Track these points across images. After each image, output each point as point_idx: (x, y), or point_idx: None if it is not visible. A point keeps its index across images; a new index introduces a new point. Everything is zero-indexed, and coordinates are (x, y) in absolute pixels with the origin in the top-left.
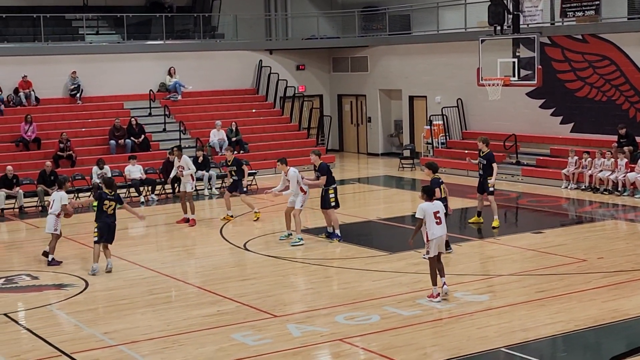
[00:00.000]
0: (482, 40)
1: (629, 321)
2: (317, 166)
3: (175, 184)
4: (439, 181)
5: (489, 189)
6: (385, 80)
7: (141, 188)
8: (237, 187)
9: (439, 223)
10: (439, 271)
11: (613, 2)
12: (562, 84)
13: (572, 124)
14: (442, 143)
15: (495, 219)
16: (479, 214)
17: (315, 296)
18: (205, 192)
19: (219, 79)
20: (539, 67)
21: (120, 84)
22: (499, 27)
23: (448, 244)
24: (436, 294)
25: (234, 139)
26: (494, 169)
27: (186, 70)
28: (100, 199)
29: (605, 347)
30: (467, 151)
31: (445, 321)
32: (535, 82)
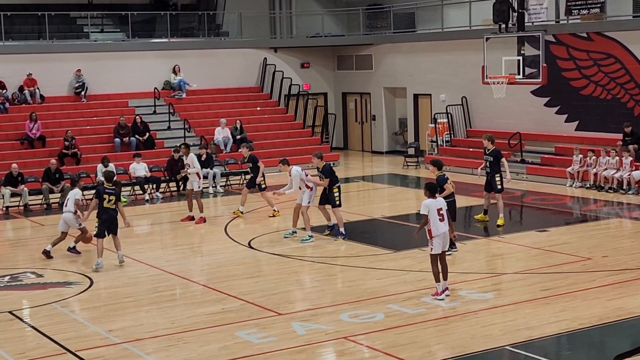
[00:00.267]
0: (487, 39)
1: (633, 320)
2: (320, 168)
3: (180, 182)
4: (445, 178)
5: (497, 187)
6: (389, 78)
7: (146, 186)
8: (254, 184)
9: (442, 220)
10: (442, 271)
11: (618, 0)
12: (567, 82)
13: (577, 122)
14: (447, 141)
15: (501, 217)
16: (485, 211)
17: (319, 294)
18: (210, 190)
19: (223, 76)
20: (544, 65)
21: (124, 82)
22: (503, 25)
23: (453, 244)
24: (440, 290)
25: (238, 136)
26: (503, 165)
27: (191, 68)
28: (99, 195)
29: (610, 346)
30: (471, 149)
31: (449, 319)
32: (540, 80)
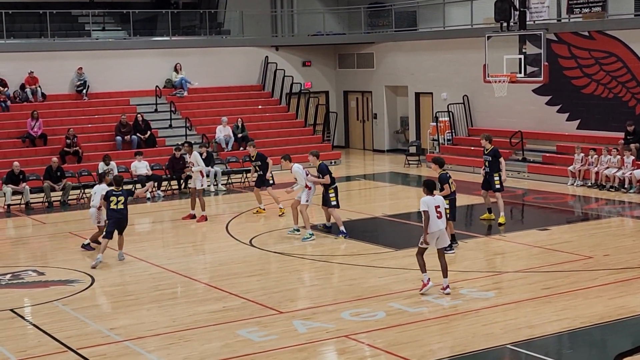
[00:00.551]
0: (489, 37)
1: (635, 318)
2: (316, 167)
3: (183, 180)
4: (447, 176)
5: (496, 186)
6: (391, 77)
7: (147, 184)
8: (263, 182)
9: (440, 217)
10: (442, 270)
11: None
12: (568, 80)
13: (578, 121)
14: (448, 140)
15: (502, 215)
16: (489, 210)
17: (320, 292)
18: (212, 188)
19: (225, 75)
20: (546, 63)
21: (126, 80)
22: (505, 24)
23: (454, 239)
24: (426, 280)
25: (239, 135)
26: (501, 164)
27: (192, 67)
28: (107, 197)
29: (611, 345)
30: (473, 148)
31: (450, 318)
32: (541, 78)
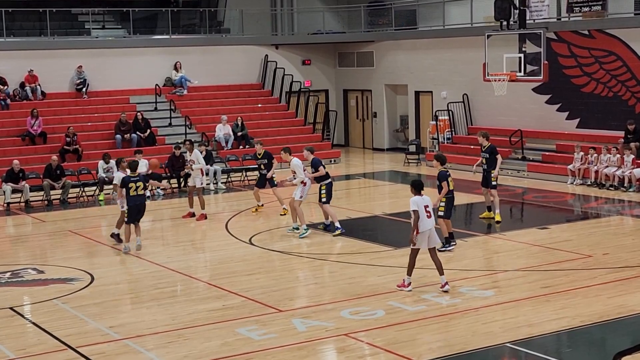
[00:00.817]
0: (489, 36)
1: (634, 317)
2: (310, 162)
3: (182, 179)
4: (447, 174)
5: (492, 182)
6: (391, 76)
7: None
8: (264, 183)
9: (429, 216)
10: (437, 268)
11: None
12: (568, 79)
13: (578, 120)
14: (448, 138)
15: (497, 213)
16: (489, 208)
17: (320, 291)
18: (211, 186)
19: (224, 73)
20: (545, 62)
21: (126, 79)
22: (505, 23)
23: (452, 237)
24: (407, 283)
25: (239, 133)
26: (497, 161)
27: (192, 65)
28: (126, 184)
29: (611, 343)
30: (472, 146)
31: (450, 316)
32: (541, 77)
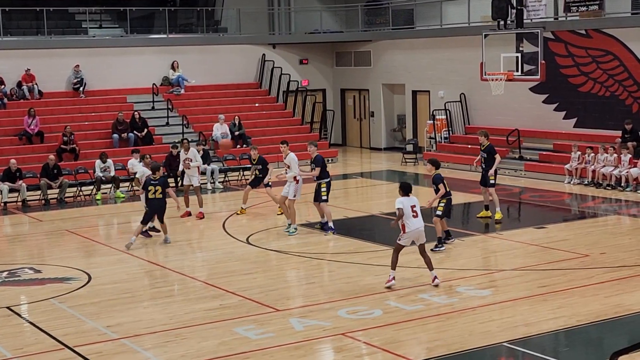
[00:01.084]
0: (486, 35)
1: (631, 316)
2: (312, 157)
3: (178, 178)
4: (441, 177)
5: (490, 181)
6: (388, 75)
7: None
8: (258, 184)
9: (416, 216)
10: (427, 264)
11: None
12: (565, 79)
13: (575, 119)
14: (445, 138)
15: (498, 211)
16: (486, 207)
17: (317, 290)
18: (208, 186)
19: (222, 73)
20: (543, 62)
21: (123, 78)
22: (502, 22)
23: (440, 241)
24: (391, 277)
25: (236, 133)
26: (496, 160)
27: (189, 64)
28: (146, 186)
29: (608, 343)
30: (470, 146)
31: (447, 316)
32: (538, 77)
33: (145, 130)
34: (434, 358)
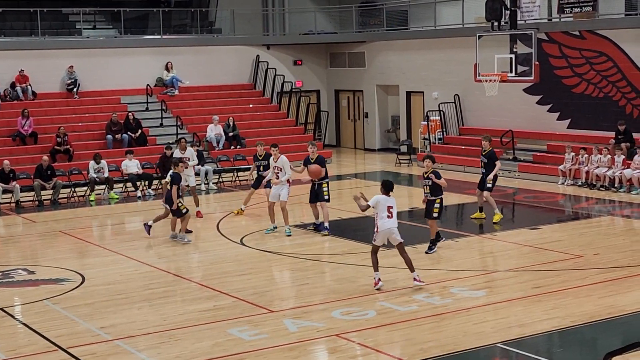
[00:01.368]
0: (480, 36)
1: (624, 317)
2: (313, 158)
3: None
4: (437, 173)
5: (487, 185)
6: (382, 76)
7: (138, 183)
8: (260, 184)
9: (390, 217)
10: (407, 264)
11: None
12: (559, 80)
13: (569, 120)
14: (439, 139)
15: (497, 212)
16: (480, 209)
17: (311, 291)
18: (202, 187)
19: (216, 74)
20: (536, 63)
21: (117, 79)
22: (496, 23)
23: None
24: (377, 279)
25: (231, 134)
26: (496, 167)
27: (183, 65)
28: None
29: (601, 343)
30: (464, 147)
31: (441, 317)
32: (532, 78)
33: (139, 131)
34: (428, 359)
